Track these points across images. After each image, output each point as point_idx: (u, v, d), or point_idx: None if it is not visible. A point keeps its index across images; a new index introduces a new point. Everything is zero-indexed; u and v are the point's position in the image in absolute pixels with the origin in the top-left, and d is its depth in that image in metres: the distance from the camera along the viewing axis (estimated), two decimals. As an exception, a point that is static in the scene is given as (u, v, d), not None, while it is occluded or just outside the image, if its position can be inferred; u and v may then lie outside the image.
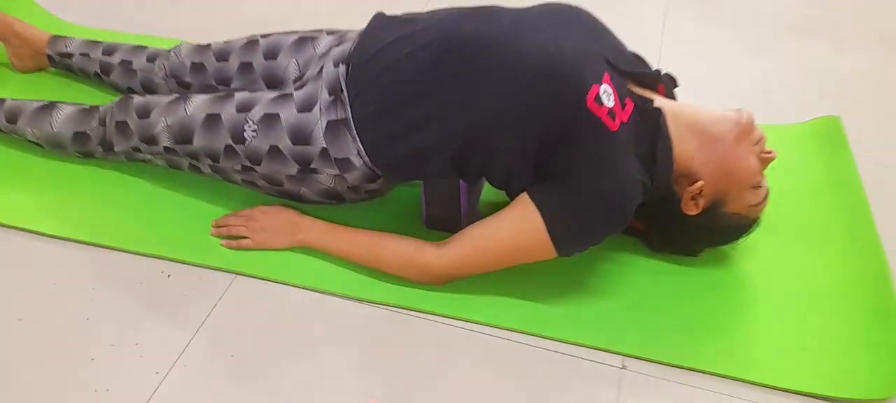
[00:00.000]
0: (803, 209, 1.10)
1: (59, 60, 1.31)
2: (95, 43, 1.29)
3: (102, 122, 1.09)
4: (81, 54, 1.28)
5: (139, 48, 1.24)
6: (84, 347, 0.88)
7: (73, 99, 1.20)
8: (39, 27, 1.35)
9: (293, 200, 1.05)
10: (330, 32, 1.09)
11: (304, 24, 1.24)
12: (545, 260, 0.92)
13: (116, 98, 1.14)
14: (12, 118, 1.13)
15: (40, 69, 1.35)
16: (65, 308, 0.92)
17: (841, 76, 1.45)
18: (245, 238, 1.01)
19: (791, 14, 1.66)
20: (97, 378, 0.84)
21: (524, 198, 0.90)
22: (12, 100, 1.15)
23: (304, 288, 0.95)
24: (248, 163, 0.99)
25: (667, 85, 0.99)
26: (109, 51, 1.26)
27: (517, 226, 0.90)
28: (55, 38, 1.31)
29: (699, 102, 0.96)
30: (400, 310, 0.93)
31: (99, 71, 1.27)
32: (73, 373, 0.85)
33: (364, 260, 0.97)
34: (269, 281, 0.96)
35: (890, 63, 1.50)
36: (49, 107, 1.13)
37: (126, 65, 1.23)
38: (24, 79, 1.33)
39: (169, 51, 1.19)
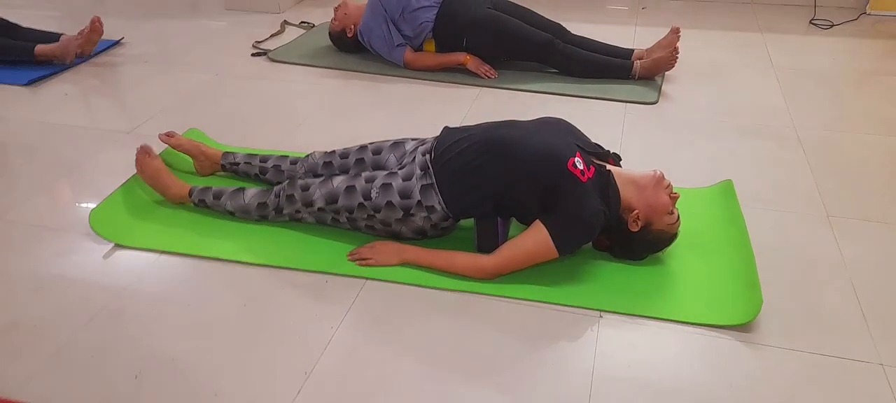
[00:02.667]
0: (708, 233, 1.77)
1: (229, 167, 2.02)
2: (253, 155, 2.00)
3: (277, 196, 1.77)
4: (245, 162, 1.99)
5: (284, 156, 1.95)
6: (288, 316, 1.51)
7: (244, 188, 1.90)
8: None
9: (396, 237, 1.71)
10: (412, 139, 1.81)
11: (390, 135, 1.96)
12: (552, 261, 1.57)
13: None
14: (218, 196, 1.82)
15: (213, 174, 2.05)
16: (270, 300, 1.56)
17: (738, 158, 2.17)
18: (370, 259, 1.66)
19: (709, 121, 2.41)
20: (298, 330, 1.47)
21: (537, 223, 1.57)
22: (216, 187, 1.85)
23: (406, 284, 1.59)
24: (372, 213, 1.66)
25: (615, 159, 1.70)
26: (264, 159, 1.97)
27: (534, 240, 1.56)
28: (226, 153, 2.03)
29: (641, 170, 1.64)
30: (466, 293, 1.57)
31: (258, 172, 1.97)
32: (286, 330, 1.47)
33: (442, 268, 1.62)
34: (386, 281, 1.61)
35: (770, 149, 2.22)
36: (240, 189, 1.82)
37: (277, 167, 1.94)
38: (204, 180, 2.02)
39: (306, 156, 1.91)
